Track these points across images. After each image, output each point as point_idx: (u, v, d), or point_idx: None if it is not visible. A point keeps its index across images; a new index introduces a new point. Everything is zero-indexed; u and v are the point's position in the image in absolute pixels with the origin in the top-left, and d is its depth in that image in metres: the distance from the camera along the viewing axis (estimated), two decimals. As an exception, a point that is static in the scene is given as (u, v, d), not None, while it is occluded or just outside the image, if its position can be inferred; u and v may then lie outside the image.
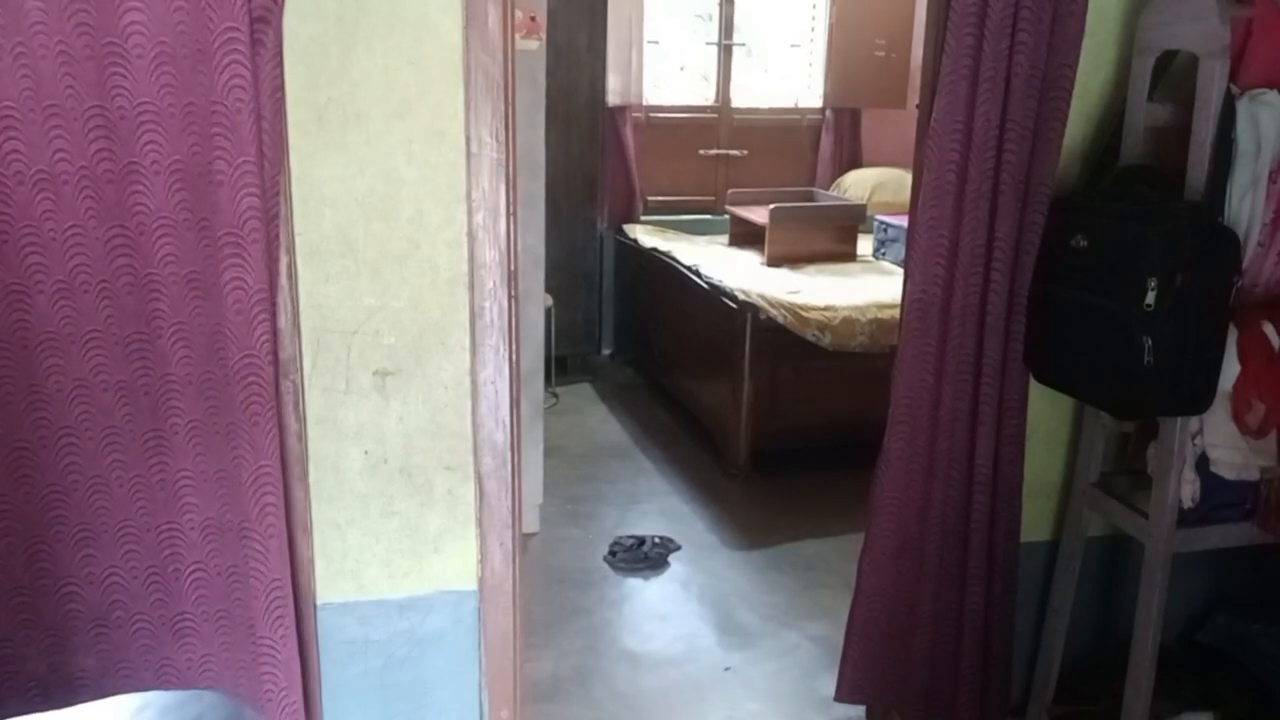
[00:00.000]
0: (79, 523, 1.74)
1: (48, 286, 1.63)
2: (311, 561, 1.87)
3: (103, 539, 1.76)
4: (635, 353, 5.45)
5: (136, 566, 1.79)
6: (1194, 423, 2.07)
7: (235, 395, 1.70)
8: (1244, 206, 1.97)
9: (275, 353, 1.70)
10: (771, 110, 5.77)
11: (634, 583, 3.32)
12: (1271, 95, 1.94)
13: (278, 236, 1.68)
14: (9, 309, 1.62)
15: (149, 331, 1.68)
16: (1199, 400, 1.98)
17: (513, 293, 1.87)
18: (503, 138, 1.79)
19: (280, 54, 1.62)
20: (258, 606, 1.78)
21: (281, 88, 1.64)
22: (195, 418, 1.72)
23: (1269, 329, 2.02)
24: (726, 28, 5.53)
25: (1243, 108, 1.93)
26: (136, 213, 1.62)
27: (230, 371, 1.69)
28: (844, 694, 2.39)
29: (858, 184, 5.45)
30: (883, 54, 5.52)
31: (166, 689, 1.87)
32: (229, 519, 1.77)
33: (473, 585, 1.95)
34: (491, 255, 1.83)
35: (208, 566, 1.80)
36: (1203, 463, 2.11)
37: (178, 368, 1.69)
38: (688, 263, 4.53)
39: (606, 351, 5.58)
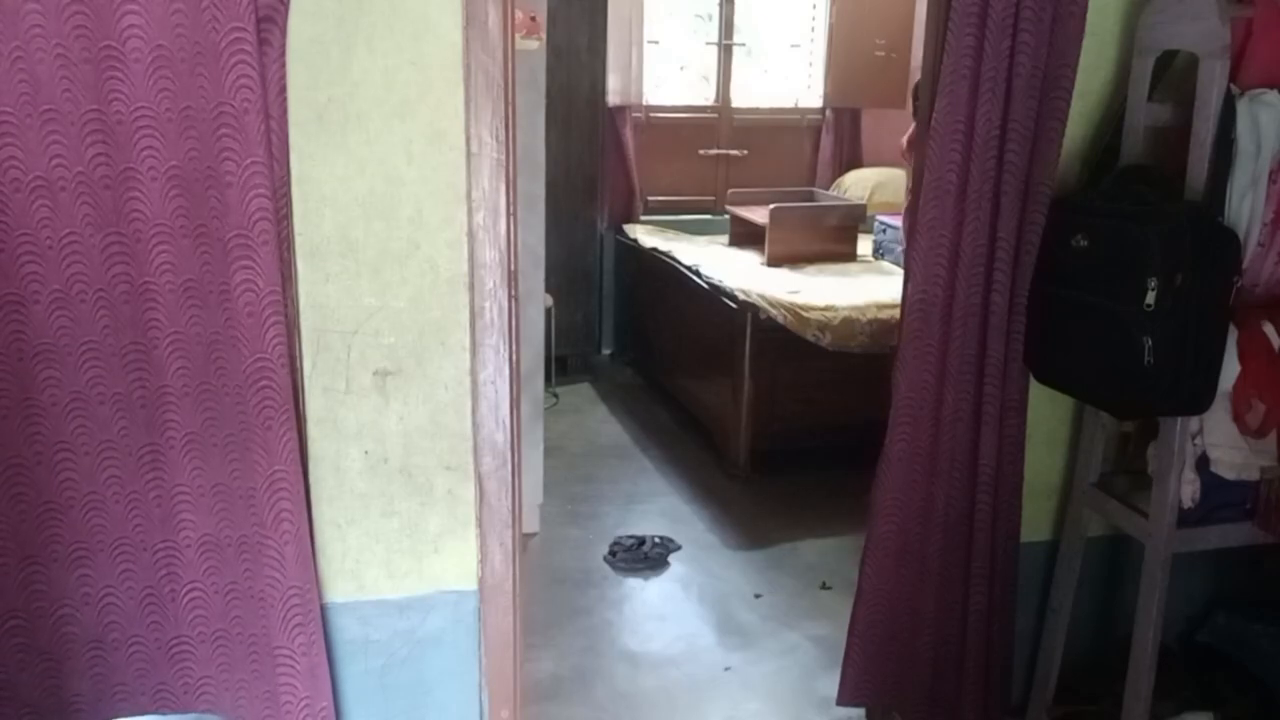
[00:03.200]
0: (75, 541, 1.70)
1: (44, 296, 1.59)
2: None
3: (99, 558, 1.72)
4: (635, 353, 5.45)
5: (133, 587, 1.75)
6: (1194, 423, 2.07)
7: (246, 400, 1.67)
8: (1244, 206, 1.97)
9: (288, 355, 1.68)
10: (771, 110, 5.77)
11: (634, 583, 3.32)
12: (1271, 95, 1.94)
13: (286, 237, 1.68)
14: (5, 320, 1.59)
15: (145, 342, 1.65)
16: (1199, 400, 1.98)
17: (513, 293, 1.87)
18: (503, 138, 1.78)
19: (285, 54, 1.62)
20: (273, 616, 1.76)
21: (286, 88, 1.64)
22: (192, 430, 1.69)
23: (1269, 329, 2.02)
24: (726, 28, 5.53)
25: (1243, 108, 1.93)
26: (133, 219, 1.59)
27: (240, 376, 1.66)
28: (846, 696, 2.39)
29: (858, 184, 5.45)
30: (883, 54, 5.52)
31: (163, 713, 1.84)
32: (227, 534, 1.75)
33: (473, 585, 1.95)
34: (491, 255, 1.83)
35: (204, 585, 1.77)
36: (1203, 463, 2.11)
37: (174, 379, 1.66)
38: (688, 263, 4.53)
39: (606, 351, 5.57)
